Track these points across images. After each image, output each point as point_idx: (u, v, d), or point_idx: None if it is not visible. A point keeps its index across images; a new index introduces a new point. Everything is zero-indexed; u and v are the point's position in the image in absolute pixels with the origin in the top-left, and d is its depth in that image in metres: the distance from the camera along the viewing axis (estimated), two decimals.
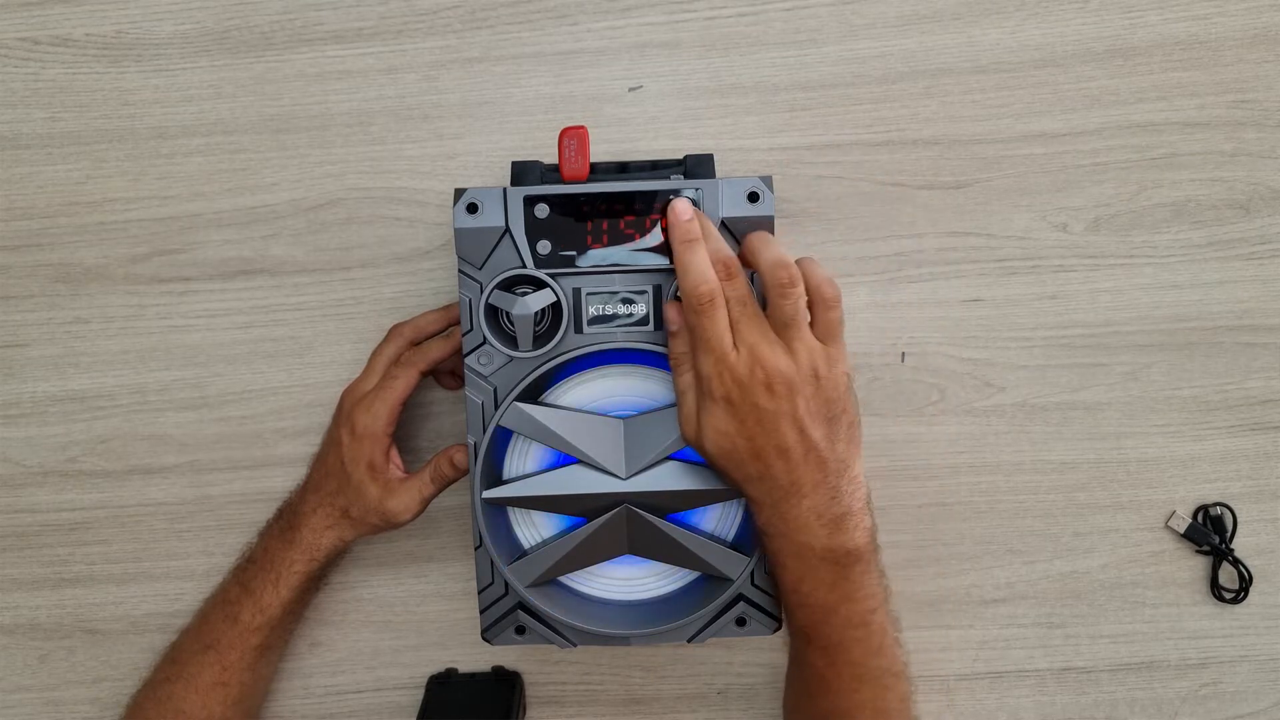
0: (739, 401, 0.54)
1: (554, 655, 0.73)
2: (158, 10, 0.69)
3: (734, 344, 0.54)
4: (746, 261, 0.57)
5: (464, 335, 0.59)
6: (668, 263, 0.58)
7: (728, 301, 0.55)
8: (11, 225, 0.71)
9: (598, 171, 0.61)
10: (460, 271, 0.59)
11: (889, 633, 0.57)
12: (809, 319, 0.55)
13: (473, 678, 0.73)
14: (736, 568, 0.60)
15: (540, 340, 0.59)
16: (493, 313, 0.59)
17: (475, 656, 0.73)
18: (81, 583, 0.73)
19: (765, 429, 0.54)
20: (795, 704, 0.62)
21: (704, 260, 0.55)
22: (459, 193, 0.59)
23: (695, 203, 0.58)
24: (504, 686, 0.72)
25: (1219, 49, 0.68)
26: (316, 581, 0.68)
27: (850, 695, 0.57)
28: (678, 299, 0.57)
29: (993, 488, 0.71)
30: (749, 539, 0.60)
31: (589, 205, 0.58)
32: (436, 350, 0.65)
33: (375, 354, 0.67)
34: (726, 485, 0.58)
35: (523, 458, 0.61)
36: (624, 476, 0.59)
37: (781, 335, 0.54)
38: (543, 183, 0.60)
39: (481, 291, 0.59)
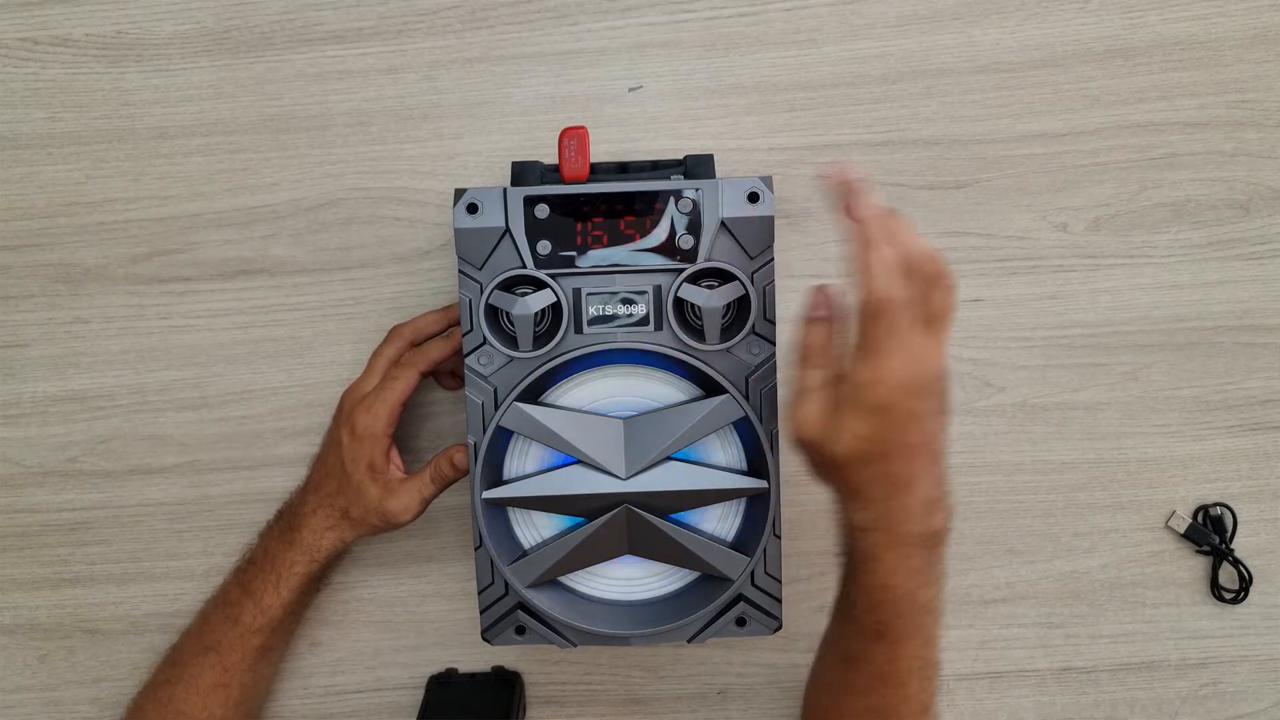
0: (890, 407, 0.50)
1: (554, 655, 0.73)
2: (158, 10, 0.69)
3: (894, 348, 0.50)
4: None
5: (464, 335, 0.59)
6: (668, 262, 0.58)
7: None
8: (11, 225, 0.71)
9: (598, 172, 0.61)
10: (460, 272, 0.59)
11: (940, 620, 0.56)
12: None
13: (473, 678, 0.73)
14: (736, 568, 0.60)
15: (540, 340, 0.59)
16: (493, 313, 0.59)
17: (475, 656, 0.73)
18: (81, 583, 0.73)
19: (905, 431, 0.51)
20: (834, 706, 0.60)
21: (892, 264, 0.50)
22: (459, 193, 0.59)
23: (695, 203, 0.58)
24: (504, 686, 0.72)
25: (1219, 49, 0.68)
26: (317, 582, 0.68)
27: (899, 689, 0.56)
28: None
29: (993, 488, 0.71)
30: (749, 539, 0.60)
31: (589, 205, 0.58)
32: (437, 351, 0.65)
33: (375, 355, 0.67)
34: (830, 485, 0.55)
35: (523, 458, 0.61)
36: (624, 476, 0.59)
37: (927, 330, 0.51)
38: (543, 183, 0.61)
39: (481, 292, 0.59)
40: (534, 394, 0.60)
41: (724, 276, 0.58)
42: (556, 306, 0.58)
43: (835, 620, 0.60)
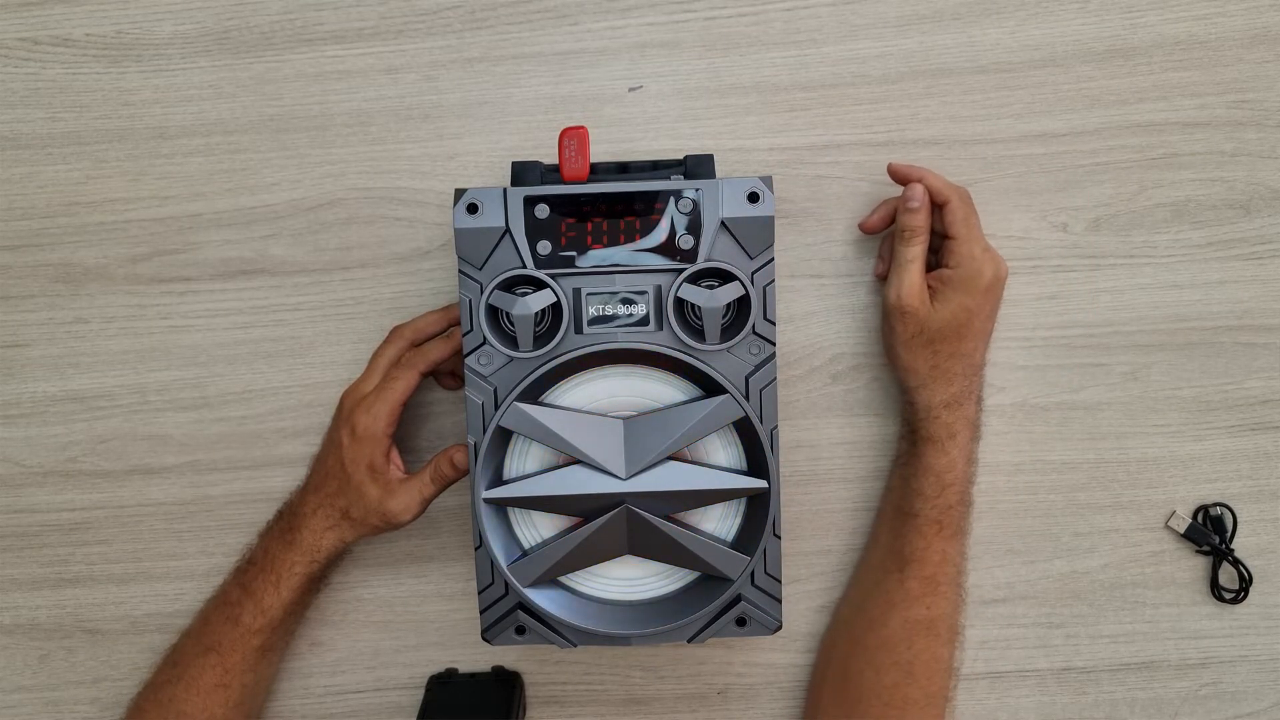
0: (988, 289, 0.64)
1: (554, 655, 0.73)
2: (158, 10, 0.69)
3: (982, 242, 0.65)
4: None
5: (464, 335, 0.59)
6: (668, 263, 0.58)
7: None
8: (11, 225, 0.71)
9: (598, 171, 0.61)
10: (460, 272, 0.59)
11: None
12: None
13: (473, 678, 0.73)
14: (736, 568, 0.60)
15: (540, 340, 0.59)
16: (493, 313, 0.59)
17: (475, 656, 0.73)
18: (81, 583, 0.73)
19: (992, 315, 0.66)
20: (870, 619, 0.67)
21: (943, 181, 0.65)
22: (459, 193, 0.59)
23: (695, 203, 0.58)
24: (504, 686, 0.72)
25: (1219, 49, 0.68)
26: (317, 582, 0.68)
27: (945, 598, 0.65)
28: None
29: (993, 488, 0.71)
30: (749, 539, 0.60)
31: (589, 205, 0.58)
32: (437, 351, 0.65)
33: (376, 355, 0.67)
34: (918, 360, 0.64)
35: (523, 458, 0.61)
36: (624, 476, 0.59)
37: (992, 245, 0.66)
38: (543, 183, 0.60)
39: (481, 292, 0.59)
40: (534, 394, 0.60)
41: (724, 276, 0.58)
42: (556, 306, 0.58)
43: (884, 528, 0.68)
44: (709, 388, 0.59)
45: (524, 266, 0.59)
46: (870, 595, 0.68)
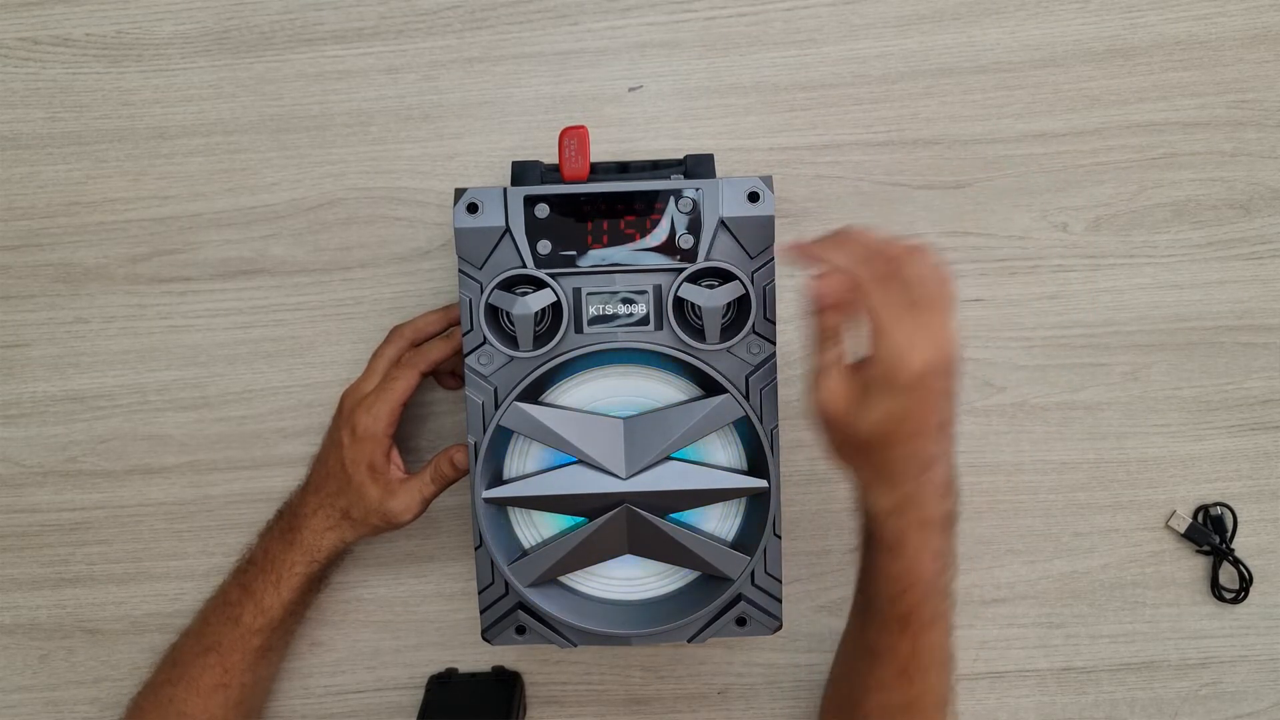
0: (918, 385, 0.51)
1: (554, 655, 0.73)
2: (158, 10, 0.69)
3: (917, 325, 0.52)
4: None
5: (464, 335, 0.59)
6: (668, 262, 0.58)
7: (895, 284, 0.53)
8: (11, 225, 0.71)
9: (598, 171, 0.61)
10: (460, 271, 0.59)
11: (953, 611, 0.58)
12: None
13: (473, 678, 0.73)
14: (736, 568, 0.60)
15: (540, 340, 0.59)
16: (493, 313, 0.59)
17: (475, 656, 0.73)
18: (81, 583, 0.73)
19: (932, 409, 0.52)
20: (850, 700, 0.61)
21: (850, 253, 0.53)
22: (459, 193, 0.59)
23: (695, 203, 0.58)
24: (504, 686, 0.72)
25: (1219, 49, 0.68)
26: (317, 582, 0.68)
27: (922, 682, 0.57)
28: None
29: (993, 488, 0.71)
30: (749, 539, 0.60)
31: (589, 205, 0.58)
32: (437, 351, 0.65)
33: (376, 355, 0.67)
34: (853, 466, 0.56)
35: (523, 458, 0.61)
36: (624, 476, 0.59)
37: (930, 310, 0.52)
38: (543, 183, 0.61)
39: (481, 291, 0.59)
40: (534, 394, 0.60)
41: (724, 276, 0.58)
42: (556, 306, 0.58)
43: (855, 616, 0.60)
44: (709, 387, 0.59)
45: (524, 266, 0.59)
46: (847, 675, 0.63)
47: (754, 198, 0.58)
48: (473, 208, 0.58)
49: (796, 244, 0.55)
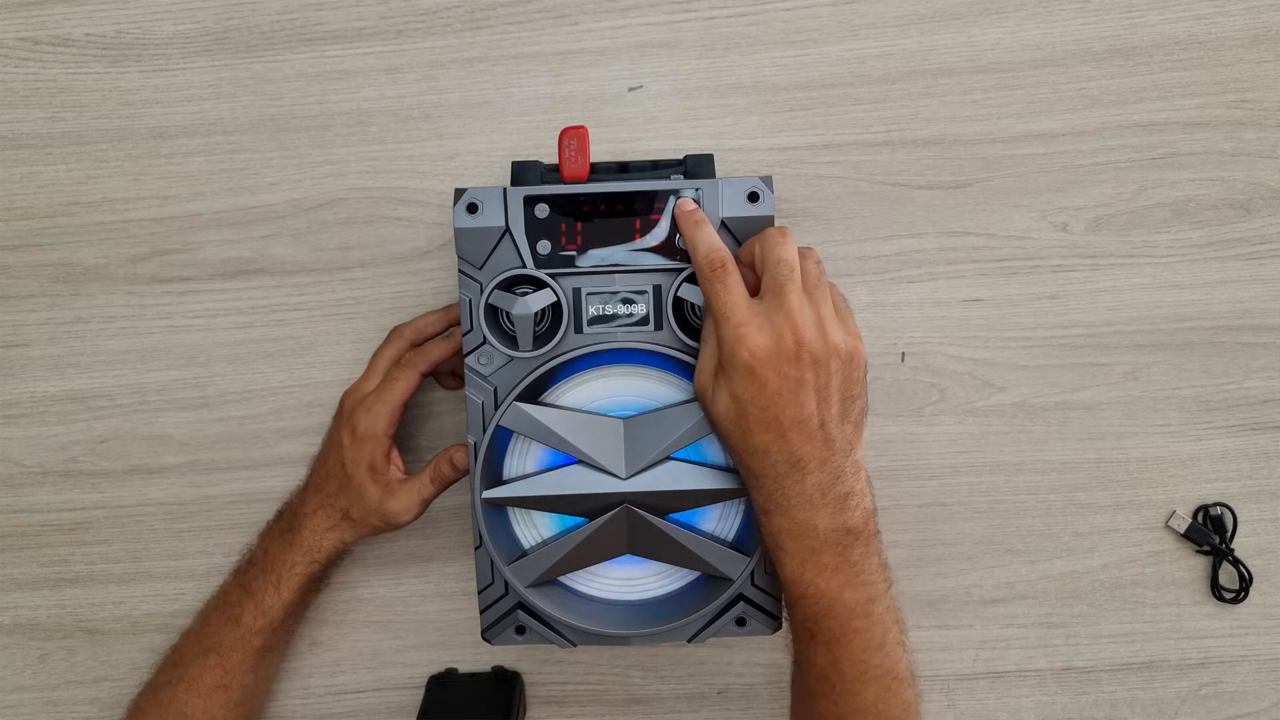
0: (754, 371, 0.52)
1: (554, 655, 0.73)
2: (158, 10, 0.69)
3: (760, 311, 0.53)
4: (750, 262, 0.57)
5: (464, 335, 0.59)
6: (668, 262, 0.58)
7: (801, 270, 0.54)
8: (11, 225, 0.71)
9: (598, 171, 0.61)
10: (460, 271, 0.59)
11: (891, 629, 0.56)
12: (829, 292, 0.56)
13: (473, 678, 0.73)
14: (736, 568, 0.60)
15: (540, 340, 0.59)
16: (493, 313, 0.59)
17: (475, 656, 0.73)
18: (81, 583, 0.73)
19: (774, 400, 0.52)
20: (799, 709, 0.61)
21: (711, 233, 0.56)
22: (459, 193, 0.59)
23: (697, 201, 0.58)
24: (504, 686, 0.72)
25: (1219, 49, 0.68)
26: (317, 583, 0.68)
27: (852, 697, 0.56)
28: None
29: (993, 488, 0.71)
30: (749, 539, 0.60)
31: (589, 205, 0.58)
32: (437, 351, 0.65)
33: (376, 355, 0.67)
34: (729, 456, 0.57)
35: (523, 458, 0.61)
36: (624, 476, 0.58)
37: (779, 296, 0.53)
38: (543, 183, 0.60)
39: (481, 291, 0.59)
40: (534, 394, 0.60)
41: None
42: (556, 306, 0.58)
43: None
44: None
45: (524, 266, 0.59)
46: (792, 681, 0.61)
47: (754, 198, 0.58)
48: (472, 208, 0.58)
49: (694, 209, 0.57)
